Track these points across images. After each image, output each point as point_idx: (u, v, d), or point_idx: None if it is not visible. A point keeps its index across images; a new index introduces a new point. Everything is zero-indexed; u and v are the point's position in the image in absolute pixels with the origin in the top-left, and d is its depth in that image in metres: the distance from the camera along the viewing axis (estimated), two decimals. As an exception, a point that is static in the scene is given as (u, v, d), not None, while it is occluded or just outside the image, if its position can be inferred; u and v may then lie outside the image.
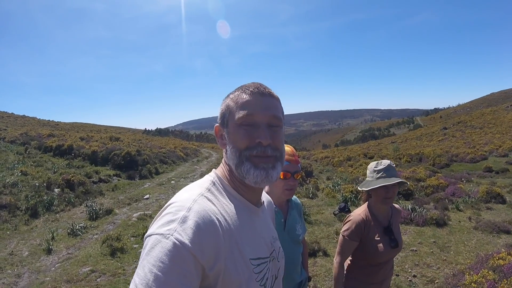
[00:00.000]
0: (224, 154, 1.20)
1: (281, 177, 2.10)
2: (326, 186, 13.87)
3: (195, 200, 1.02)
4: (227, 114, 1.16)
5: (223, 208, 1.07)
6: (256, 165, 1.09)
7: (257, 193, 1.22)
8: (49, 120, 60.70)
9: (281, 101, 1.22)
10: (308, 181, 14.92)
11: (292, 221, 2.32)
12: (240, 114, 1.10)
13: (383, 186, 2.52)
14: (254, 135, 1.09)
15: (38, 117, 61.43)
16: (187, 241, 0.89)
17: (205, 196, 1.06)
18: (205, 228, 0.95)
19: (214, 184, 1.15)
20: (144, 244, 0.94)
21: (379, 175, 2.57)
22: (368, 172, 2.69)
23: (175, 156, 23.83)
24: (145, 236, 0.96)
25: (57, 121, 62.12)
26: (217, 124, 1.21)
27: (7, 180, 10.15)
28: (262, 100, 1.13)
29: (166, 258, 0.86)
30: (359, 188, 2.71)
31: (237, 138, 1.11)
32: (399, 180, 2.51)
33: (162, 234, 0.91)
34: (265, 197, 1.42)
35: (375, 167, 2.62)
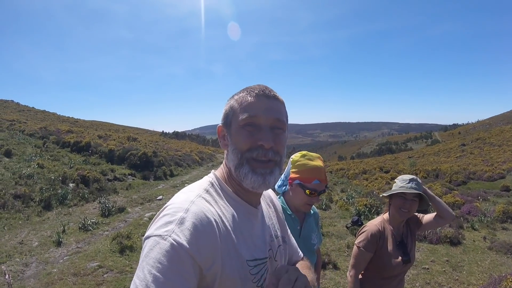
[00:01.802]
0: (225, 155, 1.20)
1: (307, 193, 2.09)
2: (340, 198, 13.76)
3: (193, 202, 1.02)
4: (230, 115, 1.15)
5: (220, 209, 1.07)
6: (254, 170, 1.08)
7: (256, 195, 1.22)
8: (69, 117, 61.55)
9: (285, 105, 1.21)
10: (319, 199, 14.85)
11: (308, 229, 2.30)
12: (243, 115, 1.10)
13: (401, 196, 2.52)
14: (256, 137, 1.09)
15: (58, 113, 62.37)
16: (184, 242, 0.90)
17: (202, 197, 1.07)
18: (202, 229, 0.95)
19: (212, 185, 1.16)
20: (143, 246, 0.95)
21: (402, 184, 2.55)
22: (395, 183, 2.67)
23: (190, 159, 23.98)
24: (143, 237, 0.97)
25: (77, 118, 62.95)
26: (220, 124, 1.21)
27: (23, 171, 10.36)
28: (267, 103, 1.13)
29: (164, 259, 0.87)
30: (381, 195, 2.70)
31: (239, 140, 1.11)
32: (417, 191, 2.48)
33: (160, 235, 0.92)
34: (266, 193, 1.43)
35: (402, 178, 2.61)
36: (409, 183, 2.53)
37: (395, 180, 2.68)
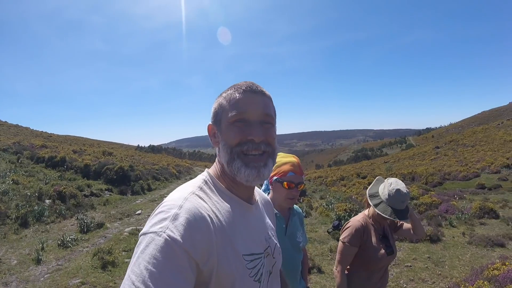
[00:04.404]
0: (217, 153, 1.22)
1: (286, 186, 2.16)
2: (319, 205, 13.86)
3: (186, 198, 1.04)
4: (220, 113, 1.17)
5: (214, 205, 1.08)
6: (247, 164, 1.10)
7: (249, 190, 1.24)
8: (42, 131, 60.29)
9: (272, 100, 1.24)
10: (301, 200, 14.90)
11: (293, 227, 2.35)
12: (232, 112, 1.12)
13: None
14: (246, 132, 1.11)
15: (31, 128, 61.10)
16: (178, 238, 0.91)
17: (196, 194, 1.08)
18: (196, 224, 0.96)
19: (206, 182, 1.17)
20: (138, 242, 0.95)
21: (394, 201, 2.54)
22: (383, 184, 2.69)
23: (167, 173, 23.79)
24: (139, 234, 0.98)
25: (50, 133, 61.67)
26: (210, 123, 1.23)
27: (-2, 188, 10.01)
28: (255, 98, 1.15)
29: (160, 255, 0.88)
30: (367, 192, 2.73)
31: (229, 136, 1.12)
32: (396, 219, 2.51)
33: (155, 232, 0.93)
34: (262, 195, 1.45)
35: (389, 189, 2.57)
36: (402, 201, 2.52)
37: (386, 183, 2.66)
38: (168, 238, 0.90)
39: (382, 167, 46.36)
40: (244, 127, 1.11)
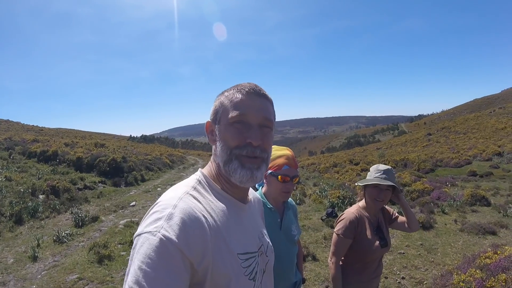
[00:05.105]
0: (213, 151, 1.22)
1: (280, 180, 2.14)
2: (313, 192, 13.89)
3: (181, 198, 1.04)
4: (220, 111, 1.17)
5: (209, 205, 1.09)
6: (243, 164, 1.11)
7: (242, 190, 1.25)
8: (34, 125, 59.82)
9: (273, 104, 1.25)
10: (295, 188, 14.95)
11: (288, 221, 2.34)
12: (234, 113, 1.12)
13: (375, 187, 2.63)
14: (245, 134, 1.12)
15: (22, 122, 60.57)
16: (173, 237, 0.91)
17: (190, 194, 1.09)
18: (191, 224, 0.97)
19: (199, 182, 1.18)
20: (133, 244, 0.96)
21: (377, 175, 2.65)
22: (369, 172, 2.76)
23: (161, 163, 23.69)
24: (134, 235, 0.98)
25: (42, 127, 61.18)
26: (209, 120, 1.23)
27: (-10, 186, 9.93)
28: (257, 101, 1.16)
29: (154, 254, 0.89)
30: (356, 184, 2.78)
31: (228, 136, 1.13)
32: (391, 183, 2.58)
33: (150, 231, 0.93)
34: (253, 194, 1.46)
35: (377, 168, 2.70)
36: (383, 173, 2.62)
37: (370, 169, 2.77)
38: (163, 237, 0.91)
39: (374, 154, 46.53)
40: (243, 129, 1.12)
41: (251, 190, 1.42)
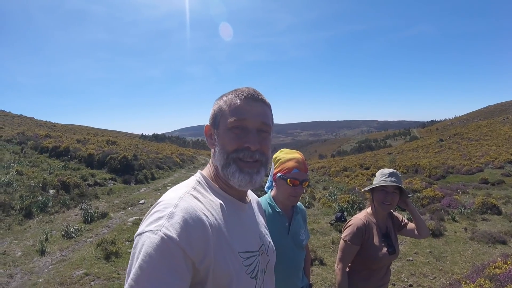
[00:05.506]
0: (212, 154, 1.23)
1: (289, 183, 2.11)
2: (322, 195, 13.81)
3: (181, 198, 1.05)
4: (219, 116, 1.18)
5: (209, 204, 1.10)
6: (242, 169, 1.12)
7: (241, 191, 1.25)
8: (46, 121, 60.48)
9: (272, 108, 1.26)
10: (305, 191, 14.90)
11: (296, 226, 2.31)
12: (232, 118, 1.14)
13: (382, 190, 2.61)
14: (243, 139, 1.13)
15: (35, 118, 61.31)
16: (175, 236, 0.91)
17: (191, 194, 1.10)
18: (193, 223, 0.97)
19: (199, 183, 1.19)
20: (134, 243, 0.96)
21: (382, 178, 2.63)
22: (375, 177, 2.74)
23: (171, 162, 23.82)
24: (135, 235, 0.99)
25: (54, 122, 61.80)
26: (208, 124, 1.24)
27: (2, 179, 10.08)
28: (254, 106, 1.17)
29: (155, 253, 0.89)
30: (363, 190, 2.76)
31: (226, 141, 1.14)
32: (396, 184, 2.55)
33: (151, 230, 0.94)
34: (253, 196, 1.48)
35: (382, 172, 2.69)
36: (389, 176, 2.61)
37: (376, 174, 2.76)
38: (164, 236, 0.91)
39: (385, 159, 46.26)
40: (242, 134, 1.13)
41: (250, 191, 1.44)
